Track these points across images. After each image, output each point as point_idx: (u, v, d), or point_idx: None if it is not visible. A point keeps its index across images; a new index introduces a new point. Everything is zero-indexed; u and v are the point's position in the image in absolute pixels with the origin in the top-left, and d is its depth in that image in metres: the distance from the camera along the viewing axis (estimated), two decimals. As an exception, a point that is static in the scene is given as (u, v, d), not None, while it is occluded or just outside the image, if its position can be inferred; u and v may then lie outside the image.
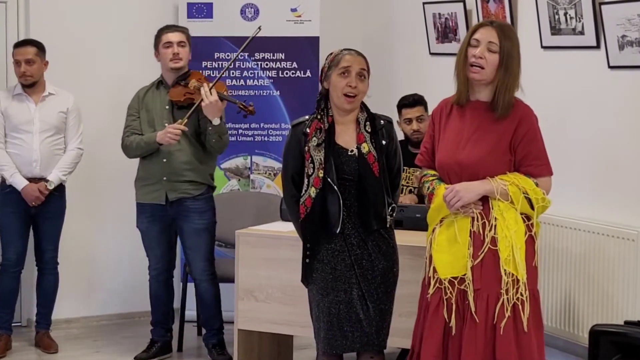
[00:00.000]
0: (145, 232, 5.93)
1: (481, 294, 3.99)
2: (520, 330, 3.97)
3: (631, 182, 5.35)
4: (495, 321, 3.97)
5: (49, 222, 6.07)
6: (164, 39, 5.80)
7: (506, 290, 3.96)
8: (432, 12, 6.66)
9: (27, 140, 5.91)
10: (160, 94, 5.85)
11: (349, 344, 4.35)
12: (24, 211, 5.96)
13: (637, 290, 5.16)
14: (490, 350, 3.98)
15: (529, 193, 4.02)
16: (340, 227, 4.29)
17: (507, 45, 4.04)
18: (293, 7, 6.91)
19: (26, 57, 5.89)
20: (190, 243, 5.91)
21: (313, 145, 4.30)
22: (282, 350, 5.77)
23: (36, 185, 5.87)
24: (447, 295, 4.06)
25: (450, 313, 4.05)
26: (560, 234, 5.56)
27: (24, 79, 5.91)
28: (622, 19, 5.23)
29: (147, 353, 5.97)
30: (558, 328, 5.61)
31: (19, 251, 6.04)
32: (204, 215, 5.88)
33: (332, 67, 4.32)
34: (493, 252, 3.99)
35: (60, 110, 6.02)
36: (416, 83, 6.58)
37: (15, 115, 5.91)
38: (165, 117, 5.78)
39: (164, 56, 5.79)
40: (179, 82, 5.81)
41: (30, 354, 6.11)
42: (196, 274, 5.96)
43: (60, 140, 6.02)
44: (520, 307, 3.97)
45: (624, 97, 5.38)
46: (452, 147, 4.13)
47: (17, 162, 5.89)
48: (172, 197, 5.77)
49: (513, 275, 3.96)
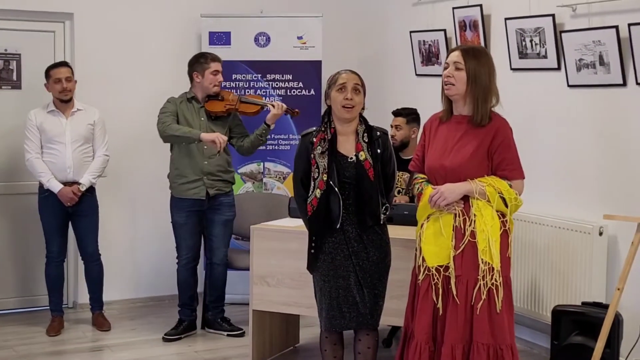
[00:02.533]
0: (182, 224, 5.87)
1: (462, 280, 3.98)
2: (494, 311, 3.95)
3: (588, 184, 5.35)
4: (473, 303, 3.96)
5: (84, 219, 6.04)
6: (212, 66, 5.80)
7: (483, 276, 3.95)
8: (417, 39, 6.65)
9: (61, 150, 5.87)
10: (193, 107, 5.82)
11: (346, 322, 4.36)
12: (62, 211, 5.93)
13: (592, 276, 5.15)
14: (469, 327, 3.97)
15: (503, 193, 4.00)
16: (340, 223, 4.28)
17: (472, 63, 4.03)
18: (299, 35, 6.89)
19: (66, 76, 5.87)
20: (217, 232, 5.92)
21: (318, 152, 4.30)
22: (291, 327, 5.77)
23: (70, 188, 5.84)
24: (434, 281, 4.05)
25: (438, 296, 4.04)
26: (528, 228, 5.54)
27: (64, 94, 5.87)
28: (579, 45, 5.23)
29: (176, 330, 5.95)
30: (526, 308, 5.58)
31: (60, 244, 6.03)
32: (231, 209, 5.96)
33: (331, 86, 4.34)
34: (472, 244, 3.98)
35: (88, 123, 5.98)
36: (404, 99, 6.56)
37: (50, 129, 5.87)
38: (204, 126, 5.77)
39: (208, 81, 5.78)
40: (213, 98, 5.84)
41: (86, 331, 6.10)
42: (217, 258, 5.95)
43: (89, 148, 5.98)
44: (495, 291, 3.95)
45: (581, 111, 5.38)
46: (438, 154, 4.12)
47: (52, 169, 5.85)
48: (212, 192, 5.80)
49: (489, 264, 3.95)
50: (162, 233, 6.67)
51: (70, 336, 6.00)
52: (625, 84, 5.04)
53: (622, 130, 5.10)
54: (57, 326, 6.04)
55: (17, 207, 6.52)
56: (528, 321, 5.69)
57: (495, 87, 4.11)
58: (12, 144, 6.36)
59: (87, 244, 6.09)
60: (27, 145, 5.87)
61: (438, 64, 6.40)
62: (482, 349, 3.93)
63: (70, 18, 6.57)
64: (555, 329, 4.89)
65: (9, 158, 6.44)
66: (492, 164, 4.06)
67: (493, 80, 4.09)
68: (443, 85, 4.13)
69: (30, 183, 6.30)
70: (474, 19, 6.02)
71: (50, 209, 5.93)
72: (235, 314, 6.21)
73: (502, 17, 5.78)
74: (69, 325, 6.21)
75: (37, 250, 6.35)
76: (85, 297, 6.41)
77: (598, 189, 5.28)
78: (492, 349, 3.94)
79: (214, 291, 6.05)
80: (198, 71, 5.82)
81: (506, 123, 4.12)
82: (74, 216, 6.01)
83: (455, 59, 4.08)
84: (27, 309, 6.57)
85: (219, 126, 5.83)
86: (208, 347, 5.79)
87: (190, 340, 5.90)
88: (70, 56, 6.53)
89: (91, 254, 6.12)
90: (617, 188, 5.14)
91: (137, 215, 6.89)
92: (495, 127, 4.06)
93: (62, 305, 6.19)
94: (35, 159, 5.85)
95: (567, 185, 5.50)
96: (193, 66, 5.85)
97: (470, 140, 4.05)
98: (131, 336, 6.02)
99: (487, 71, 4.06)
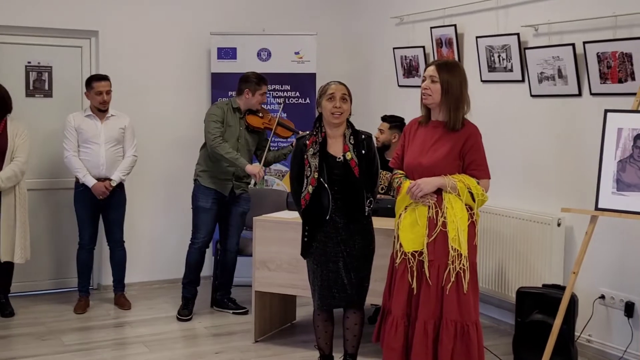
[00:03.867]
0: (207, 209, 5.82)
1: (434, 264, 4.00)
2: (461, 292, 3.97)
3: (548, 181, 5.37)
4: (443, 284, 3.98)
5: (114, 211, 6.08)
6: (263, 89, 5.78)
7: (452, 261, 3.96)
8: (400, 55, 6.67)
9: (95, 149, 5.90)
10: (236, 117, 5.79)
11: (336, 301, 4.39)
12: (94, 204, 5.96)
13: (552, 262, 5.17)
14: (439, 305, 3.99)
15: (472, 189, 4.01)
16: (330, 215, 4.31)
17: (445, 76, 4.04)
18: (296, 51, 6.91)
19: (107, 89, 5.91)
20: (234, 222, 5.93)
21: (310, 154, 4.32)
22: (288, 306, 5.78)
23: (102, 184, 5.87)
24: (410, 264, 4.06)
25: (412, 277, 4.05)
26: (495, 220, 5.56)
27: (103, 105, 5.91)
28: (540, 60, 5.25)
29: (188, 310, 5.93)
30: (493, 290, 5.61)
31: (91, 233, 6.06)
32: (248, 203, 5.99)
33: (322, 96, 4.34)
34: (443, 233, 3.99)
35: (120, 127, 6.02)
36: (388, 107, 6.58)
37: (87, 130, 5.90)
38: (242, 135, 5.79)
39: (256, 99, 5.77)
40: (253, 113, 5.85)
41: (109, 310, 6.13)
42: (231, 245, 5.96)
43: (119, 149, 6.02)
44: (462, 274, 3.96)
45: (542, 118, 5.40)
46: (416, 154, 4.12)
47: (87, 166, 5.88)
48: (238, 192, 5.85)
49: (458, 251, 3.96)
50: (178, 225, 6.76)
51: (95, 314, 6.02)
52: (581, 94, 5.06)
53: (578, 135, 5.12)
54: (83, 305, 6.08)
55: (53, 201, 6.55)
56: (495, 301, 5.71)
57: (467, 96, 4.10)
58: (49, 145, 6.41)
59: (114, 232, 6.13)
60: (65, 144, 5.90)
61: (418, 77, 6.41)
62: (450, 324, 3.96)
63: (95, 35, 6.60)
64: (519, 307, 4.88)
65: (48, 157, 6.47)
66: (464, 164, 4.07)
67: (465, 90, 4.09)
68: (421, 96, 4.15)
69: (65, 179, 6.36)
70: (449, 37, 6.06)
71: (85, 201, 5.95)
72: (239, 295, 6.24)
73: (473, 35, 5.80)
74: (94, 304, 6.23)
75: (70, 239, 6.37)
76: (108, 279, 6.44)
77: (556, 186, 5.30)
78: (459, 324, 3.96)
79: (225, 275, 6.06)
80: (250, 89, 5.75)
81: (477, 129, 4.13)
82: (105, 208, 6.04)
83: (431, 72, 4.09)
84: (57, 290, 6.61)
85: (253, 137, 5.86)
86: (216, 323, 5.82)
87: (200, 318, 5.93)
88: (96, 69, 6.56)
89: (117, 241, 6.16)
90: (572, 185, 5.15)
91: (157, 209, 6.91)
92: (468, 132, 4.07)
93: (88, 287, 6.21)
94: (72, 156, 5.88)
95: (529, 182, 5.53)
96: (247, 83, 5.77)
97: (445, 142, 4.06)
98: (149, 314, 6.04)
99: (459, 82, 4.06)
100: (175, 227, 6.83)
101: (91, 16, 6.54)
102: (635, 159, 4.18)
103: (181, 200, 6.44)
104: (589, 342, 5.07)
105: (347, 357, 4.52)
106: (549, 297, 4.78)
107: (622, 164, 4.20)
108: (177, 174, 6.78)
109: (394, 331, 4.06)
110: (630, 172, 4.17)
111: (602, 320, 5.00)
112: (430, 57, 6.31)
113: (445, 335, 3.95)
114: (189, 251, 5.94)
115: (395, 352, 4.05)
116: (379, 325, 4.23)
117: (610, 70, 4.80)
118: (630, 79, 4.69)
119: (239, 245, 6.02)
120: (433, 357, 4.01)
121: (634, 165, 4.18)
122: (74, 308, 6.07)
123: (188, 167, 6.14)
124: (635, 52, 4.63)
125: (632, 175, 4.16)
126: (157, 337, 5.50)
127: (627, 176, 4.18)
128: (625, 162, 4.20)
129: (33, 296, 6.46)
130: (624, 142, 4.21)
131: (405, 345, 4.07)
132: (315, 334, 4.56)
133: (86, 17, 6.52)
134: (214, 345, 5.33)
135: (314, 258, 4.39)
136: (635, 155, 4.18)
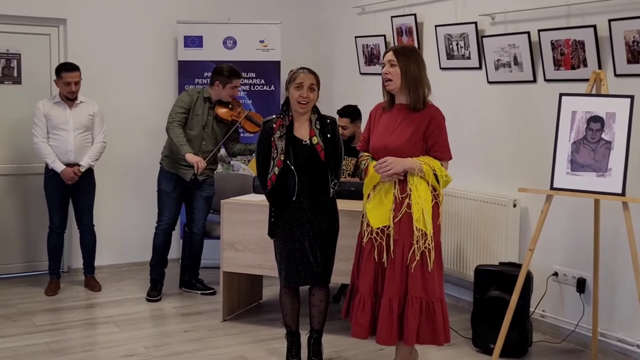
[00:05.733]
0: (169, 193, 5.76)
1: (399, 243, 3.97)
2: (426, 270, 3.95)
3: (505, 164, 5.39)
4: (408, 263, 3.95)
5: (83, 196, 5.97)
6: (234, 82, 5.66)
7: (417, 241, 3.94)
8: (361, 43, 6.65)
9: (64, 136, 5.79)
10: (206, 106, 5.68)
11: (302, 279, 4.34)
12: (63, 188, 5.85)
13: (508, 241, 5.20)
14: (404, 283, 3.97)
15: (437, 171, 3.98)
16: (296, 196, 4.27)
17: (403, 59, 4.00)
18: (261, 39, 6.84)
19: (75, 80, 5.77)
20: (199, 205, 5.84)
21: (277, 136, 4.26)
22: (255, 286, 5.75)
23: (71, 169, 5.77)
24: (377, 241, 4.03)
25: (381, 253, 4.02)
26: (454, 202, 5.57)
27: (71, 95, 5.78)
28: (497, 48, 5.26)
29: (157, 291, 5.87)
30: (452, 268, 5.63)
31: (61, 217, 5.95)
32: (212, 187, 5.89)
33: (291, 82, 4.27)
34: (408, 215, 3.96)
35: (89, 114, 5.89)
36: (350, 94, 6.57)
37: (55, 117, 5.78)
38: (210, 125, 5.68)
39: (226, 92, 5.66)
40: (223, 104, 5.72)
41: (79, 292, 6.04)
42: (197, 228, 5.89)
43: (88, 135, 5.90)
44: (427, 253, 3.94)
45: (499, 103, 5.41)
46: (381, 136, 4.08)
47: (56, 152, 5.76)
48: (201, 178, 5.71)
49: (422, 231, 3.94)
50: (145, 209, 6.65)
51: (65, 296, 5.92)
52: (535, 80, 5.08)
53: (533, 119, 5.14)
54: (54, 287, 5.99)
55: (23, 186, 6.43)
56: (454, 279, 5.74)
57: (425, 77, 4.06)
58: (19, 131, 6.28)
59: (83, 216, 6.02)
60: (34, 131, 5.77)
61: (379, 64, 6.38)
62: (415, 301, 3.93)
63: (63, 23, 6.46)
64: (477, 285, 4.89)
65: (17, 143, 6.34)
66: (427, 145, 4.03)
67: (423, 71, 4.04)
68: (383, 82, 4.10)
69: (34, 165, 6.23)
70: (409, 26, 6.03)
71: (54, 186, 5.84)
72: (207, 276, 6.18)
73: (432, 24, 5.79)
74: (65, 286, 6.13)
75: (39, 223, 6.28)
76: (78, 262, 6.34)
77: (512, 169, 5.32)
78: (425, 301, 3.94)
79: (192, 256, 5.99)
80: (221, 81, 5.65)
81: (440, 112, 4.08)
82: (74, 193, 5.93)
83: (390, 57, 4.05)
84: (28, 273, 6.49)
85: (221, 128, 5.74)
86: (184, 303, 5.75)
87: (169, 298, 5.86)
88: (64, 56, 6.42)
89: (87, 225, 6.05)
90: (528, 167, 5.18)
91: (126, 193, 6.81)
92: (431, 114, 4.03)
93: (59, 270, 6.12)
94: (41, 142, 5.76)
95: (486, 166, 5.54)
96: (219, 75, 5.66)
97: (409, 124, 4.02)
98: (118, 295, 5.96)
99: (417, 64, 4.02)
100: (143, 211, 6.74)
101: (60, 4, 6.40)
102: (589, 140, 4.18)
103: (149, 185, 6.35)
104: (543, 317, 5.10)
105: (314, 333, 4.48)
106: (505, 274, 4.79)
107: (576, 145, 4.21)
108: (144, 159, 6.67)
109: (362, 308, 4.04)
110: (583, 153, 4.18)
111: (556, 296, 5.03)
112: (391, 45, 6.27)
113: (410, 312, 3.93)
114: (155, 234, 5.87)
115: (362, 328, 4.03)
116: (347, 302, 4.21)
117: (563, 57, 4.82)
118: (583, 65, 4.71)
119: (205, 228, 5.95)
120: (398, 333, 3.99)
121: (587, 146, 4.18)
122: (45, 290, 5.97)
123: (155, 153, 6.04)
124: (588, 40, 4.64)
125: (586, 156, 4.17)
126: (127, 317, 5.41)
127: (581, 157, 4.19)
128: (579, 143, 4.20)
129: (4, 279, 6.34)
130: (577, 124, 4.21)
131: (373, 322, 4.04)
132: (282, 311, 4.51)
133: (55, 5, 6.38)
134: (182, 325, 5.27)
135: (280, 237, 4.34)
136: (588, 136, 4.19)
